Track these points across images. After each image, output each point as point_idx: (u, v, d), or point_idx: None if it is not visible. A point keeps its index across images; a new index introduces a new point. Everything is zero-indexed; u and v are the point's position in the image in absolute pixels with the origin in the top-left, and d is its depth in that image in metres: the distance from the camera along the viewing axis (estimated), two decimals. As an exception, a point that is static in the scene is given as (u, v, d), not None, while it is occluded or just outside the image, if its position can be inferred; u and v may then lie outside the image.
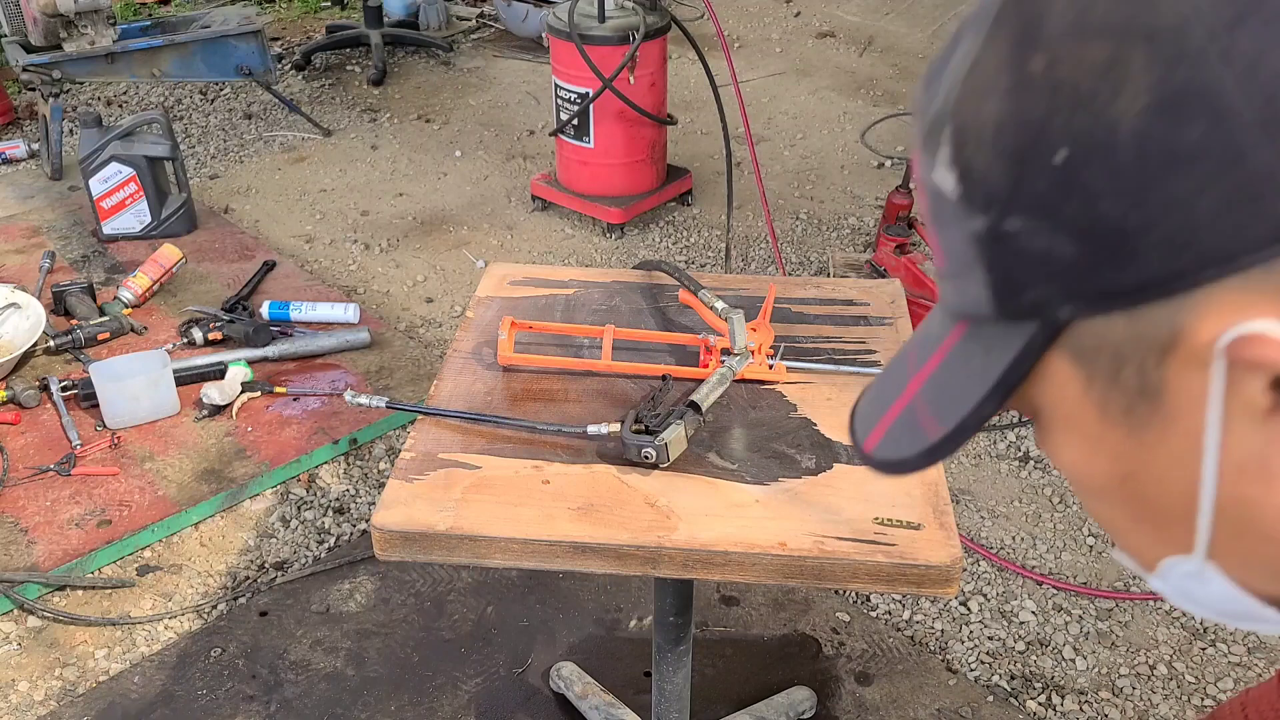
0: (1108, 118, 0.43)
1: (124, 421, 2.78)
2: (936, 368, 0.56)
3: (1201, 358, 0.44)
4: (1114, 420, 0.49)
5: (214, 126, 4.64)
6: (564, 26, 3.50)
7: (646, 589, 2.39)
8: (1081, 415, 0.50)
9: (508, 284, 1.83)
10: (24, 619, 2.36)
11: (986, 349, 0.51)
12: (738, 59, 4.70)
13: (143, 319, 3.21)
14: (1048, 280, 0.47)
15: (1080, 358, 0.49)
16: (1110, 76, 0.43)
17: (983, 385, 0.51)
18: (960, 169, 0.49)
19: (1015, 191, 0.46)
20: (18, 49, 3.97)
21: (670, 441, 1.40)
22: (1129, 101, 0.42)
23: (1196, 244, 0.42)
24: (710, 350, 1.61)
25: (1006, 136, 0.46)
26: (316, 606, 2.41)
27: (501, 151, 4.40)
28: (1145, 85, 0.42)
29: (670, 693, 1.81)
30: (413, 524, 1.34)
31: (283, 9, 5.92)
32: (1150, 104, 0.42)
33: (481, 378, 1.60)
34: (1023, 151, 0.46)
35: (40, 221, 3.81)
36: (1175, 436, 0.47)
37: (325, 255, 3.72)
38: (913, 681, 2.21)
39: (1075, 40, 0.44)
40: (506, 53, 5.35)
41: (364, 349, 3.11)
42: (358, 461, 2.80)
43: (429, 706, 2.18)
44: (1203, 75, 0.41)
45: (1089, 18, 0.44)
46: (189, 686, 2.22)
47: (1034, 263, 0.47)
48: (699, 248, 3.73)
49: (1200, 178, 0.41)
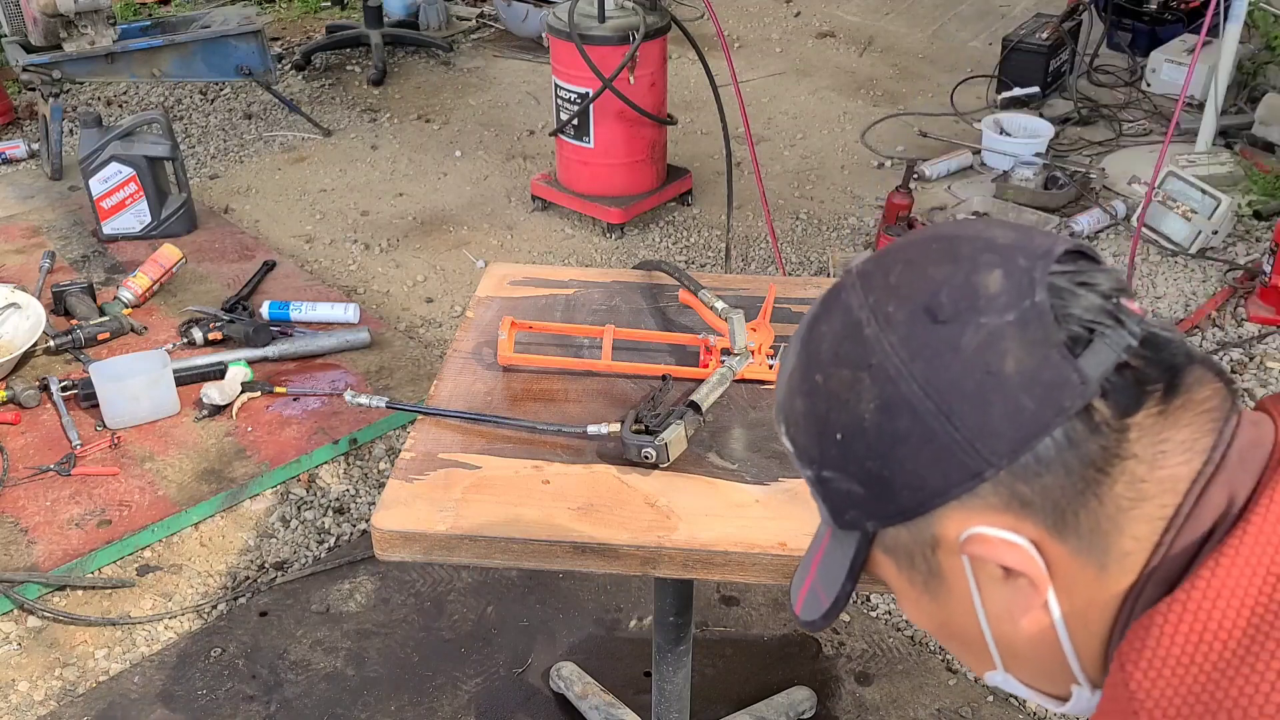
0: (857, 414, 0.69)
1: (124, 421, 2.78)
2: (820, 558, 0.81)
3: (955, 550, 0.70)
4: (920, 590, 0.75)
5: (214, 126, 4.64)
6: (564, 26, 3.50)
7: (646, 589, 2.39)
8: (902, 588, 0.77)
9: (508, 284, 1.83)
10: (24, 619, 2.36)
11: (841, 548, 0.77)
12: (738, 59, 4.70)
13: (143, 319, 3.21)
14: (853, 508, 0.73)
15: (889, 553, 0.75)
16: (854, 389, 0.69)
17: (842, 572, 0.77)
18: (790, 441, 0.76)
19: (820, 456, 0.73)
20: (18, 49, 3.97)
21: (670, 441, 1.40)
22: (866, 405, 0.69)
23: (925, 485, 0.68)
24: (710, 350, 1.61)
25: (810, 423, 0.73)
26: (316, 606, 2.41)
27: (501, 151, 4.40)
28: (872, 395, 0.68)
29: (670, 693, 1.81)
30: (413, 524, 1.34)
31: (283, 9, 5.92)
32: (876, 407, 0.68)
33: (481, 378, 1.60)
34: (819, 433, 0.72)
35: (40, 221, 3.81)
36: (956, 600, 0.74)
37: (325, 255, 3.72)
38: (913, 681, 2.21)
39: (833, 366, 0.71)
40: (506, 53, 5.35)
41: (364, 349, 3.11)
42: (358, 461, 2.80)
43: (429, 706, 2.18)
44: (900, 389, 0.67)
45: (838, 352, 0.71)
46: (189, 686, 2.22)
47: (843, 497, 0.73)
48: (699, 248, 3.73)
49: (913, 447, 0.68)
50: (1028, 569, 0.69)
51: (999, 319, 0.66)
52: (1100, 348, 0.66)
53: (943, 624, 0.77)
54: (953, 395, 0.66)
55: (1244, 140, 4.10)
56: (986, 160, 4.15)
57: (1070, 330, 0.66)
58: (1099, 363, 0.66)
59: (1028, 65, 4.52)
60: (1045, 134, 4.10)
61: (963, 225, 0.74)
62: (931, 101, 4.73)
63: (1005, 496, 0.67)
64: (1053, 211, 3.75)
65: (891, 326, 0.69)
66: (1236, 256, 3.52)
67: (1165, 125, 4.16)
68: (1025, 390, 0.65)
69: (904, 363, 0.67)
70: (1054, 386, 0.65)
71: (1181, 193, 3.55)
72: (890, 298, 0.70)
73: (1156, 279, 3.44)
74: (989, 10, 5.58)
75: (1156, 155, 3.42)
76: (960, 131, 4.41)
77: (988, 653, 0.77)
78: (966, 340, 0.66)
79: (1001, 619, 0.73)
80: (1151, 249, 3.57)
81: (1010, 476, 0.67)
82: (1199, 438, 0.68)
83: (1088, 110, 4.47)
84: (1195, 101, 4.26)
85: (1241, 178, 3.87)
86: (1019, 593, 0.70)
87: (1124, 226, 3.71)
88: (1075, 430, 0.65)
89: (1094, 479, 0.66)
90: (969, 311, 0.67)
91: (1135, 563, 0.68)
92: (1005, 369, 0.65)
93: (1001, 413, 0.65)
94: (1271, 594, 0.63)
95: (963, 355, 0.66)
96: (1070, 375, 0.65)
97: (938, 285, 0.69)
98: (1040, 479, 0.66)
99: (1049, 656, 0.74)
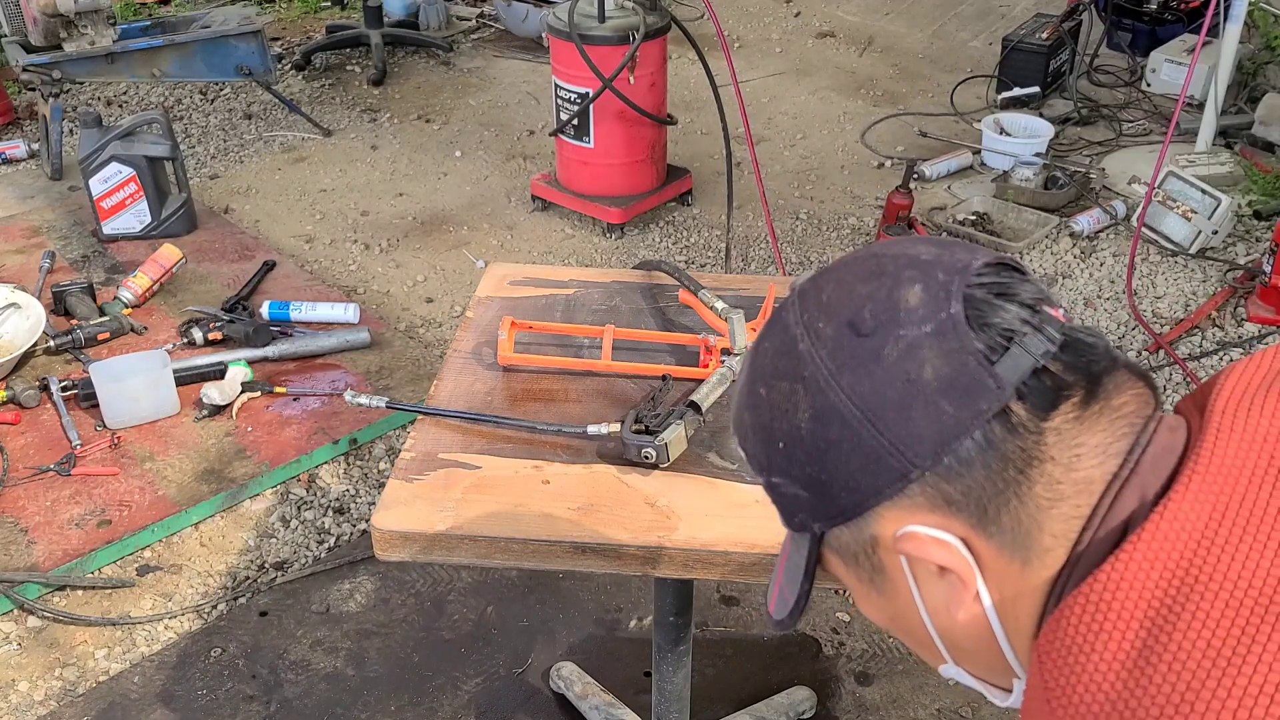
0: (794, 423, 0.74)
1: (124, 421, 2.78)
2: (785, 560, 0.85)
3: (892, 548, 0.74)
4: (869, 587, 0.80)
5: (214, 126, 4.64)
6: (564, 26, 3.50)
7: (646, 589, 2.39)
8: (853, 584, 0.81)
9: (508, 284, 1.83)
10: (24, 619, 2.36)
11: (798, 549, 0.81)
12: (738, 59, 4.70)
13: (143, 319, 3.21)
14: (800, 510, 0.77)
15: (837, 553, 0.79)
16: (791, 400, 0.74)
17: (800, 572, 0.81)
18: (744, 450, 0.81)
19: (768, 463, 0.77)
20: (18, 49, 3.97)
21: (670, 441, 1.40)
22: (801, 415, 0.73)
23: (859, 487, 0.72)
24: (710, 350, 1.61)
25: (757, 432, 0.78)
26: (316, 606, 2.41)
27: (501, 151, 4.40)
28: (805, 405, 0.73)
29: (670, 693, 1.81)
30: (413, 524, 1.34)
31: (283, 9, 5.92)
32: (810, 416, 0.73)
33: (481, 378, 1.60)
34: (765, 441, 0.77)
35: (40, 221, 3.81)
36: (900, 595, 0.78)
37: (325, 255, 3.72)
38: (913, 681, 2.21)
39: (773, 379, 0.76)
40: (506, 53, 5.35)
41: (364, 349, 3.11)
42: (358, 461, 2.80)
43: (429, 706, 2.18)
44: (829, 399, 0.72)
45: (777, 366, 0.76)
46: (189, 686, 2.22)
47: (791, 501, 0.78)
48: (699, 248, 3.73)
49: (845, 453, 0.72)
50: (956, 565, 0.72)
51: (917, 330, 0.70)
52: (1017, 353, 0.70)
53: (892, 618, 0.81)
54: (877, 403, 0.70)
55: (1244, 140, 4.10)
56: (986, 160, 4.15)
57: (988, 338, 0.70)
58: (1015, 367, 0.69)
59: (1028, 65, 4.52)
60: (1045, 134, 4.09)
61: (891, 244, 0.78)
62: (931, 101, 4.73)
63: (932, 496, 0.71)
64: (1053, 211, 3.75)
65: (821, 341, 0.73)
66: (1236, 256, 3.52)
67: (1165, 125, 4.16)
68: (944, 395, 0.69)
69: (832, 374, 0.72)
70: (970, 391, 0.69)
71: (1181, 193, 3.55)
72: (820, 314, 0.75)
73: (1156, 279, 3.44)
74: (989, 10, 5.58)
75: (1156, 155, 3.42)
76: (960, 131, 4.41)
77: (936, 646, 0.81)
78: (888, 351, 0.71)
79: (940, 613, 0.77)
80: (1151, 249, 3.57)
81: (935, 477, 0.70)
82: (1113, 442, 0.71)
83: (1088, 110, 4.47)
84: (1195, 101, 4.26)
85: (1241, 178, 3.87)
86: (952, 587, 0.74)
87: (1124, 226, 3.71)
88: (994, 432, 0.69)
89: (1014, 479, 0.70)
90: (890, 324, 0.71)
91: (1056, 559, 0.72)
92: (924, 376, 0.70)
93: (923, 417, 0.70)
94: (1166, 590, 0.66)
95: (884, 365, 0.70)
96: (986, 380, 0.69)
97: (862, 301, 0.73)
98: (963, 479, 0.70)
99: (988, 649, 0.77)
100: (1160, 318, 3.28)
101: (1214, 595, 0.64)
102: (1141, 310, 3.30)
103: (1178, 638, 0.64)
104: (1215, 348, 3.13)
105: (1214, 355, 3.10)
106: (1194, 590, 0.65)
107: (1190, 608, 0.64)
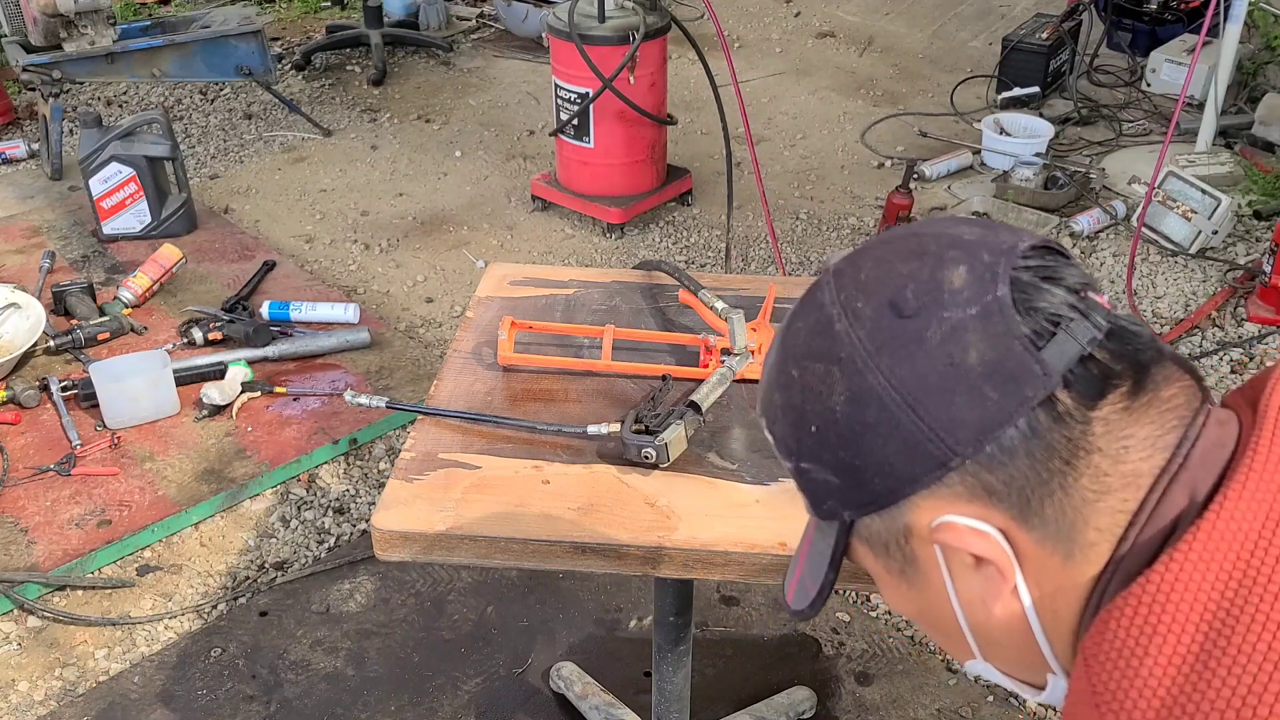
0: (828, 406, 0.71)
1: (124, 421, 2.78)
2: (807, 549, 0.84)
3: (927, 539, 0.72)
4: (898, 579, 0.77)
5: (214, 126, 4.64)
6: (564, 26, 3.50)
7: (646, 589, 2.39)
8: (881, 575, 0.79)
9: (508, 284, 1.83)
10: (24, 619, 2.36)
11: (824, 538, 0.79)
12: (738, 59, 4.70)
13: (143, 319, 3.21)
14: (831, 498, 0.75)
15: (866, 542, 0.76)
16: (825, 382, 0.72)
17: (825, 561, 0.79)
18: (771, 434, 0.78)
19: (798, 447, 0.75)
20: (18, 49, 3.97)
21: (670, 441, 1.40)
22: (836, 397, 0.71)
23: (895, 474, 0.70)
24: (710, 350, 1.60)
25: (788, 415, 0.75)
26: (316, 606, 2.41)
27: (501, 151, 4.40)
28: (841, 388, 0.71)
29: (670, 693, 1.81)
30: (413, 524, 1.34)
31: (283, 9, 5.92)
32: (846, 398, 0.70)
33: (481, 378, 1.60)
34: (796, 424, 0.74)
35: (40, 221, 3.81)
36: (932, 587, 0.75)
37: (325, 255, 3.72)
38: (913, 681, 2.21)
39: (807, 360, 0.73)
40: (506, 53, 5.35)
41: (364, 349, 3.11)
42: (358, 461, 2.80)
43: (429, 706, 2.18)
44: (867, 381, 0.69)
45: (811, 347, 0.73)
46: (189, 686, 2.22)
47: (821, 487, 0.75)
48: (699, 248, 3.73)
49: (882, 437, 0.69)
50: (995, 556, 0.70)
51: (962, 313, 0.68)
52: (1064, 340, 0.67)
53: (921, 611, 0.79)
54: (917, 387, 0.68)
55: (1244, 140, 4.10)
56: (986, 160, 4.14)
57: (1034, 323, 0.67)
58: (1062, 354, 0.67)
59: (1028, 65, 4.52)
60: (1045, 134, 4.09)
61: (931, 224, 0.76)
62: (931, 101, 4.73)
63: (972, 485, 0.69)
64: (1053, 211, 3.75)
65: (859, 321, 0.71)
66: (1236, 256, 3.51)
67: (1165, 125, 4.16)
68: (988, 381, 0.67)
69: (870, 355, 0.70)
70: (1016, 377, 0.67)
71: (1181, 193, 3.55)
72: (859, 294, 0.72)
73: (1156, 279, 3.44)
74: (989, 10, 5.58)
75: (1156, 155, 3.42)
76: (960, 131, 4.41)
77: (965, 641, 0.78)
78: (931, 334, 0.68)
79: (975, 606, 0.74)
80: (1151, 249, 3.57)
81: (977, 466, 0.68)
82: (1162, 435, 0.69)
83: (1088, 110, 4.47)
84: (1195, 101, 4.26)
85: (1241, 178, 3.87)
86: (989, 580, 0.72)
87: (1124, 226, 3.71)
88: (1039, 420, 0.67)
89: (1059, 469, 0.68)
90: (933, 306, 0.69)
91: (1100, 553, 0.69)
92: (968, 360, 0.67)
93: (966, 403, 0.67)
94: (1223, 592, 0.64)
95: (927, 348, 0.68)
96: (1033, 366, 0.67)
97: (904, 281, 0.71)
98: (1006, 468, 0.68)
99: (1023, 644, 0.75)
100: (1160, 318, 3.28)
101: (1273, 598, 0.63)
102: (1141, 310, 3.30)
103: (1237, 641, 0.62)
104: (1215, 348, 3.13)
105: (1214, 355, 3.10)
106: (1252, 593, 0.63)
107: (1249, 610, 0.63)
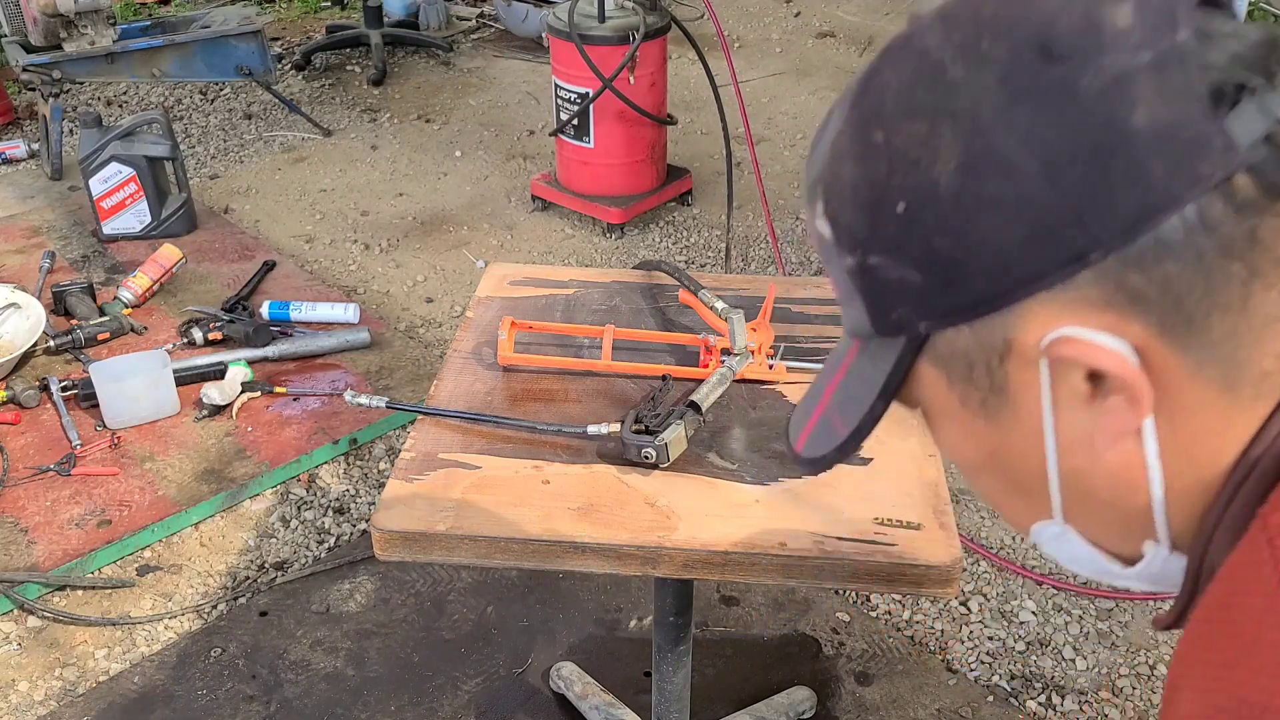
0: (930, 177, 0.55)
1: (124, 421, 2.78)
2: (841, 379, 0.68)
3: (1031, 358, 0.57)
4: (974, 411, 0.62)
5: (214, 126, 4.64)
6: (564, 26, 3.50)
7: (646, 589, 2.39)
8: (949, 408, 0.63)
9: (508, 284, 1.83)
10: (24, 619, 2.36)
11: (873, 361, 0.64)
12: (738, 59, 4.70)
13: (143, 319, 3.21)
14: (905, 302, 0.59)
15: (940, 363, 0.61)
16: (928, 145, 0.56)
17: (873, 390, 0.64)
18: (830, 219, 0.62)
19: (871, 235, 0.59)
20: (18, 49, 3.97)
21: (670, 441, 1.40)
22: (943, 164, 0.55)
23: (1011, 269, 0.55)
24: (710, 350, 1.61)
25: (861, 193, 0.59)
26: (316, 606, 2.41)
27: (501, 151, 4.40)
28: (953, 151, 0.55)
29: (670, 693, 1.81)
30: (413, 524, 1.34)
31: (283, 9, 5.92)
32: (958, 165, 0.54)
33: (481, 378, 1.60)
34: (872, 204, 0.58)
35: (40, 221, 3.81)
36: (1022, 422, 0.60)
37: (325, 255, 3.72)
38: (913, 681, 2.21)
39: (902, 119, 0.57)
40: (506, 53, 5.35)
41: (364, 349, 3.11)
42: (358, 461, 2.80)
43: (429, 706, 2.18)
44: (992, 141, 0.54)
45: (910, 102, 0.57)
46: (189, 686, 2.22)
47: (893, 289, 0.59)
48: (699, 248, 3.73)
49: (1003, 218, 0.54)
50: (1131, 381, 0.55)
51: (1130, 59, 0.52)
52: (1249, 109, 0.52)
53: (992, 456, 0.64)
54: (1062, 152, 0.52)
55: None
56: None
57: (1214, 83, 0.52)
58: (1247, 127, 0.52)
59: (1028, 65, 4.52)
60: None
61: None
62: (931, 101, 4.72)
63: (1110, 289, 0.54)
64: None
65: (987, 65, 0.55)
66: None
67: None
68: (1155, 151, 0.52)
69: (1001, 109, 0.54)
70: (1191, 149, 0.52)
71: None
72: (985, 33, 0.56)
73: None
74: (989, 10, 5.58)
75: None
76: (960, 131, 4.41)
77: (1045, 495, 0.63)
78: (1087, 83, 0.53)
79: (1077, 450, 0.59)
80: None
81: (1120, 263, 0.53)
82: None
83: (1088, 110, 4.46)
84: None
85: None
86: (1110, 414, 0.57)
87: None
88: (1213, 208, 0.52)
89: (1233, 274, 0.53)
90: (1091, 49, 0.53)
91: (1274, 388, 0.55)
92: (1133, 122, 0.52)
93: (1122, 178, 0.52)
94: None
95: (1080, 102, 0.52)
96: (1214, 137, 0.52)
97: (1050, 16, 0.55)
98: (1160, 266, 0.53)
99: (1127, 503, 0.60)
100: None
101: None
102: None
103: None
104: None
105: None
106: None
107: None
